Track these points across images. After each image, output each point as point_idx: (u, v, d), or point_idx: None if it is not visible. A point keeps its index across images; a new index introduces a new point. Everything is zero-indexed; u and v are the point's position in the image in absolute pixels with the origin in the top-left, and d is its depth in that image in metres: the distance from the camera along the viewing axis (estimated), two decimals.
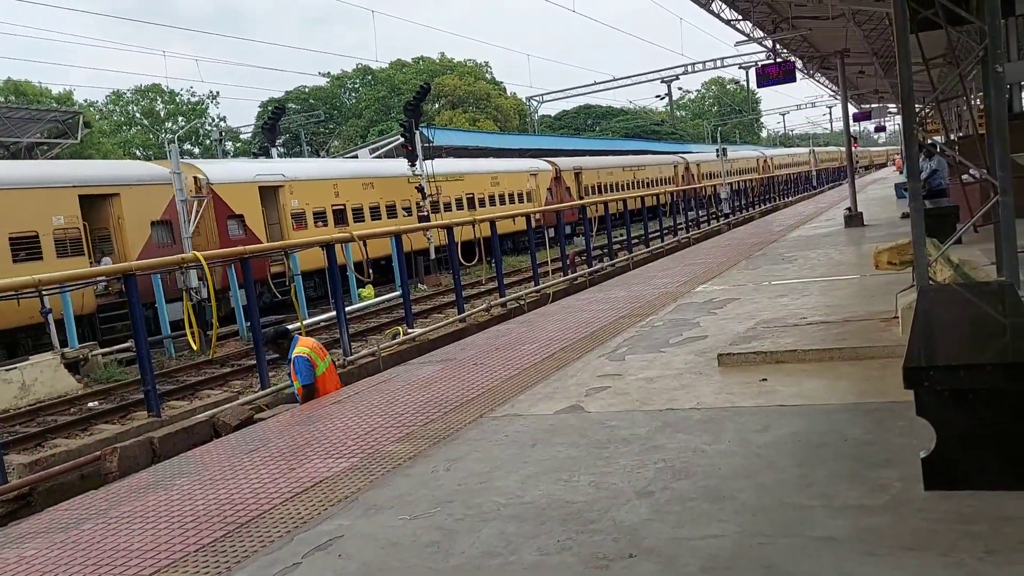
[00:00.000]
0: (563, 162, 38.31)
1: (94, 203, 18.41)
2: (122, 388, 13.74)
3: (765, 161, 62.81)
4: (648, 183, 43.06)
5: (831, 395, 5.41)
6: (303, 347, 7.93)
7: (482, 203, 31.37)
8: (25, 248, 16.66)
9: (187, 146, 68.45)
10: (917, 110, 7.15)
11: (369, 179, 26.51)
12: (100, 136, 58.36)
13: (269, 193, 22.72)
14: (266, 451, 5.93)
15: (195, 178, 20.64)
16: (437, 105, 72.07)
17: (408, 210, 27.29)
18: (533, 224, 17.92)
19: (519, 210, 27.72)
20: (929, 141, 17.47)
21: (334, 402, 7.44)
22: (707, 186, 37.28)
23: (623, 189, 40.04)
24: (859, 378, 5.72)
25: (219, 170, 22.04)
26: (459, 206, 29.84)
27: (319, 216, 24.02)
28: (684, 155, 53.26)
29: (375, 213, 26.22)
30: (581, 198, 34.95)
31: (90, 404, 12.92)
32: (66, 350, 14.43)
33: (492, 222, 15.44)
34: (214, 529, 4.41)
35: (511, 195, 33.23)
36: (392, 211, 27.01)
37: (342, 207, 24.73)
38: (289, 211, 23.12)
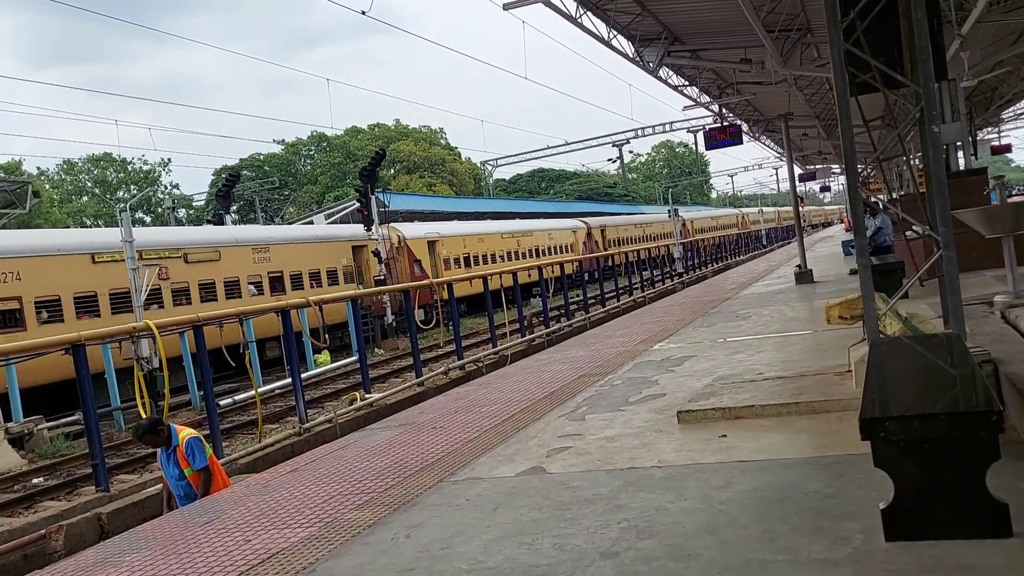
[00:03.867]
0: (592, 221, 48.56)
1: (354, 251, 28.37)
2: (69, 463, 13.27)
3: (742, 218, 77.16)
4: (654, 237, 51.83)
5: (790, 449, 5.45)
6: (187, 432, 7.26)
7: (544, 252, 40.70)
8: (331, 278, 26.81)
9: (139, 214, 67.70)
10: (859, 170, 7.39)
11: (480, 235, 36.30)
12: (50, 206, 57.48)
13: (432, 246, 32.39)
14: (220, 523, 5.75)
15: (397, 236, 30.02)
16: (393, 170, 72.47)
17: (509, 255, 37.06)
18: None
19: (558, 259, 33.53)
20: (873, 199, 18.02)
21: (290, 471, 7.27)
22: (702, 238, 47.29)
23: (636, 242, 48.87)
24: (817, 432, 5.77)
25: (407, 230, 31.38)
26: (530, 255, 39.34)
27: (456, 262, 33.29)
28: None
29: (485, 259, 35.30)
30: (606, 248, 44.49)
31: (35, 480, 12.43)
32: (10, 424, 13.93)
33: (449, 285, 15.43)
34: None
35: (560, 247, 42.90)
36: (494, 258, 36.13)
37: (468, 255, 34.52)
38: (442, 258, 32.45)
